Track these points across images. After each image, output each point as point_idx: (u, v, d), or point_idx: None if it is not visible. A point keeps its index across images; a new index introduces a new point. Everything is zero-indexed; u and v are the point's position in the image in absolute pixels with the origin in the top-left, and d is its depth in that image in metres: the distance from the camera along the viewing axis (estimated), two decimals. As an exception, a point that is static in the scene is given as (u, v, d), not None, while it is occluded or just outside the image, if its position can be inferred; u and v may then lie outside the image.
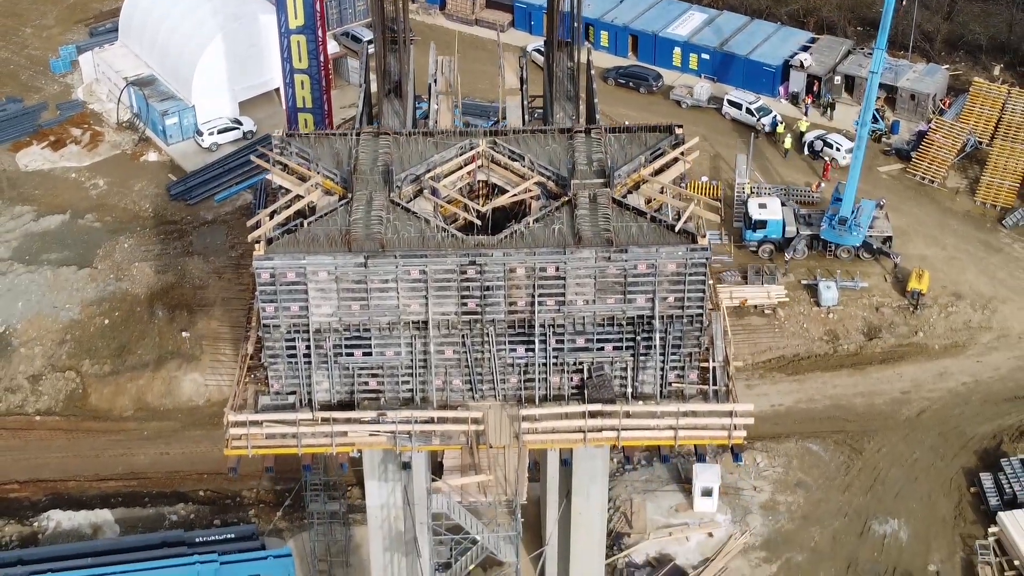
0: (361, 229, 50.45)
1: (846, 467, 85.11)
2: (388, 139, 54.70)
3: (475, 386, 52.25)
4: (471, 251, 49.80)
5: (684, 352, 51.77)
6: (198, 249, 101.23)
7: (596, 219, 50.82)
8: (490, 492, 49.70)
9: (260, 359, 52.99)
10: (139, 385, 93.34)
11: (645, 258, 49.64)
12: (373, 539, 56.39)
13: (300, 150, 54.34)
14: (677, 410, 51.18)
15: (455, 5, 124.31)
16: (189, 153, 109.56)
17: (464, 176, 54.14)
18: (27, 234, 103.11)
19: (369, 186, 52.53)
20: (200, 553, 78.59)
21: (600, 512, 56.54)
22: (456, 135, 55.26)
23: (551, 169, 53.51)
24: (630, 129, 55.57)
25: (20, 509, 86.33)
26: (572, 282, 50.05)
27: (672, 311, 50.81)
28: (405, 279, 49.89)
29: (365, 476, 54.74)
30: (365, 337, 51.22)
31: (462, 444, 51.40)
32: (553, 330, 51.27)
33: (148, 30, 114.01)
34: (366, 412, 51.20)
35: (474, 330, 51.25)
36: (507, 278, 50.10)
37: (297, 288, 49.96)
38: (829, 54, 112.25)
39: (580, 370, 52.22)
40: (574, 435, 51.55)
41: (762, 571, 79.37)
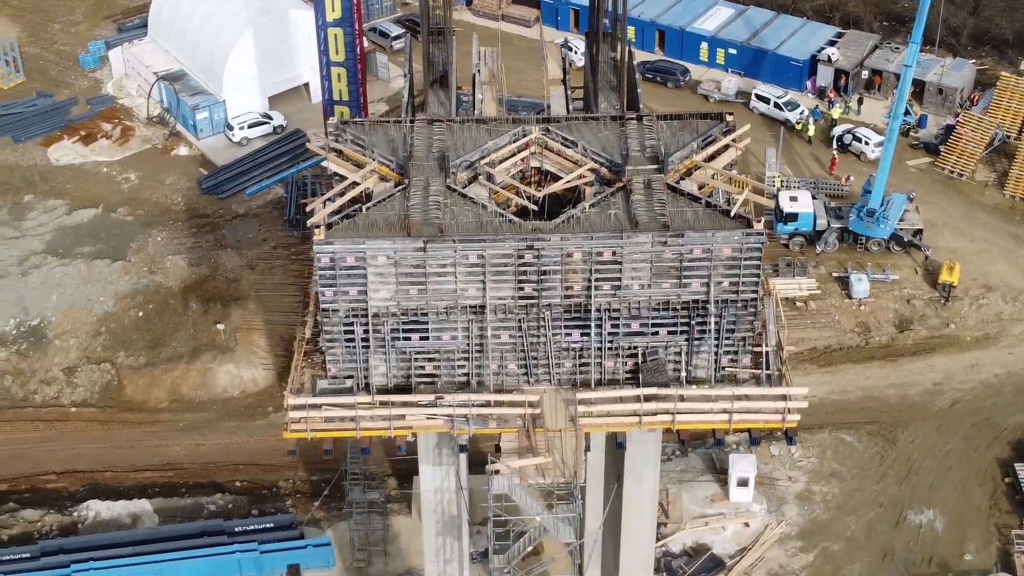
0: (419, 214, 50.94)
1: (880, 457, 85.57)
2: (442, 126, 55.10)
3: (530, 370, 52.66)
4: (529, 236, 50.26)
5: (738, 336, 52.20)
6: (230, 242, 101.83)
7: (652, 204, 51.28)
8: (548, 474, 50.09)
9: (317, 344, 53.26)
10: (174, 377, 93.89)
11: (701, 243, 50.06)
12: (427, 523, 56.82)
13: (355, 137, 54.80)
14: (732, 394, 51.57)
15: (482, 1, 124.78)
16: (219, 147, 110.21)
17: (517, 163, 54.51)
18: (60, 227, 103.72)
19: (425, 172, 52.98)
20: (240, 542, 79.24)
21: (652, 496, 56.98)
22: (509, 122, 55.64)
23: (604, 156, 53.99)
24: (681, 116, 56.05)
25: (58, 499, 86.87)
26: (628, 266, 50.49)
27: (727, 295, 51.25)
28: (463, 263, 50.33)
29: (420, 460, 55.16)
30: (422, 321, 51.65)
31: (518, 427, 51.80)
32: (608, 314, 51.68)
33: (177, 25, 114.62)
34: (424, 395, 51.63)
35: (530, 314, 51.65)
36: (564, 263, 50.53)
37: (356, 272, 50.41)
38: (856, 49, 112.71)
39: (634, 354, 52.64)
40: (629, 419, 51.97)
41: (799, 560, 79.82)
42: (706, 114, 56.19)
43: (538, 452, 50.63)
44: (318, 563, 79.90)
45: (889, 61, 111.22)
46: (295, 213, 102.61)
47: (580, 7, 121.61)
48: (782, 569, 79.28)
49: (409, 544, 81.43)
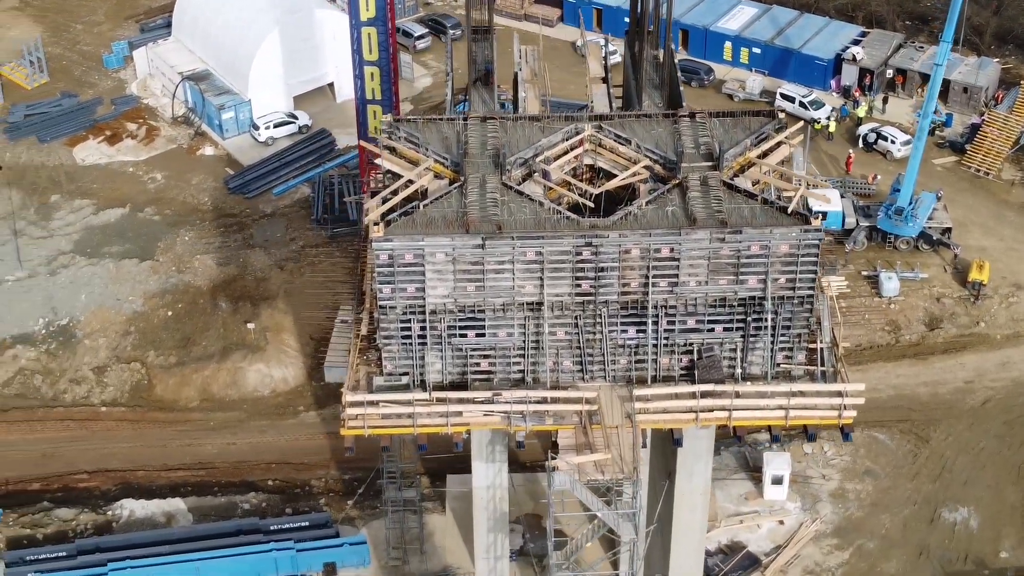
0: (477, 211, 51.05)
1: (913, 455, 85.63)
2: (495, 124, 55.22)
3: (585, 367, 52.79)
4: (587, 233, 50.39)
5: (793, 333, 52.39)
6: (258, 242, 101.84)
7: (708, 201, 51.46)
8: (607, 470, 50.21)
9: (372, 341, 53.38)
10: (204, 376, 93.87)
11: (759, 239, 50.25)
12: (478, 519, 57.04)
13: (409, 134, 54.89)
14: (789, 390, 51.68)
15: (504, 0, 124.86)
16: (245, 147, 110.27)
17: (571, 160, 54.64)
18: (88, 227, 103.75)
19: (480, 169, 53.11)
20: (275, 541, 79.22)
21: (703, 492, 57.16)
22: (561, 120, 55.77)
23: (658, 152, 54.09)
24: (733, 114, 56.24)
25: (91, 498, 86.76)
26: (686, 263, 50.69)
27: (783, 292, 51.44)
28: (521, 260, 50.49)
29: (472, 457, 55.26)
30: (479, 318, 51.82)
31: (575, 424, 51.92)
32: (665, 311, 51.81)
33: (202, 25, 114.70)
34: (481, 392, 51.76)
35: (586, 311, 51.77)
36: (621, 259, 50.68)
37: (414, 269, 50.59)
38: (880, 48, 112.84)
39: (690, 351, 52.79)
40: (686, 415, 52.10)
41: (834, 558, 79.86)
42: (758, 112, 56.42)
43: (596, 448, 50.70)
44: (354, 561, 79.82)
45: (913, 60, 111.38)
46: (322, 212, 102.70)
47: (602, 7, 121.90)
48: (818, 567, 79.29)
49: (444, 542, 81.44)
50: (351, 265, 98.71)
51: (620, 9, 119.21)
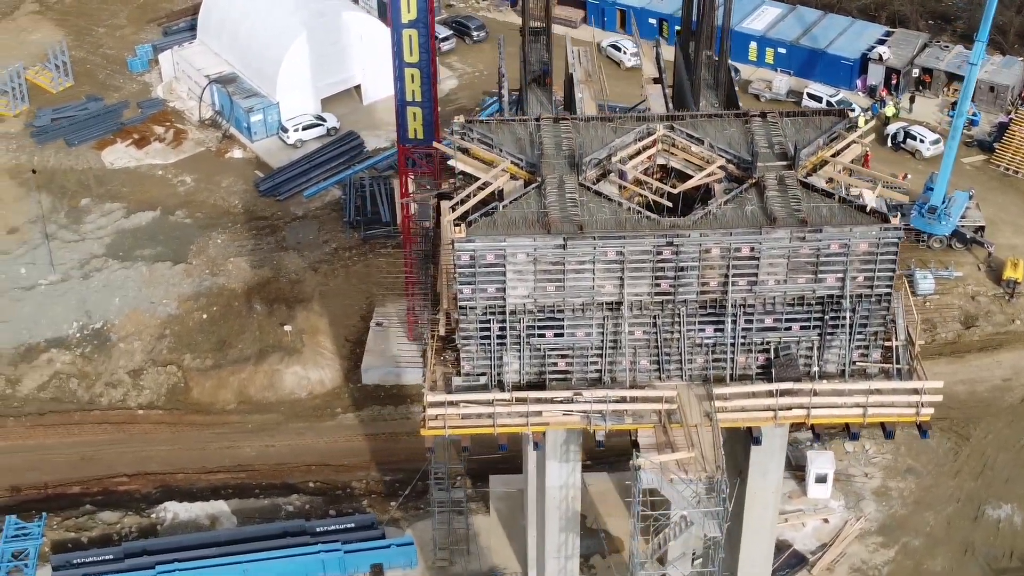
0: (558, 212, 51.23)
1: (954, 453, 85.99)
2: (568, 124, 55.42)
3: (662, 366, 52.99)
4: (668, 232, 50.59)
5: (870, 331, 52.69)
6: (291, 244, 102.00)
7: (787, 200, 51.71)
8: (690, 469, 50.43)
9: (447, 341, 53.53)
10: (241, 379, 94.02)
11: (838, 238, 50.51)
12: (549, 519, 57.14)
13: (483, 135, 55.06)
14: (867, 388, 51.95)
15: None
16: (273, 150, 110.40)
17: (644, 160, 54.85)
18: (119, 230, 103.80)
19: (556, 170, 53.29)
20: (322, 542, 79.36)
21: (775, 490, 57.37)
22: (633, 120, 56.00)
23: (732, 152, 54.33)
24: (804, 113, 56.48)
25: (132, 501, 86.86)
26: (765, 262, 50.93)
27: (861, 290, 51.68)
28: (601, 260, 50.67)
29: (547, 456, 55.37)
30: (558, 318, 51.98)
31: (654, 423, 52.13)
32: (743, 310, 52.02)
33: (228, 28, 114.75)
34: (561, 392, 51.95)
35: (665, 310, 51.98)
36: (701, 259, 50.86)
37: (495, 270, 50.73)
38: (906, 47, 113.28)
39: (766, 350, 53.01)
40: (764, 414, 52.33)
41: (880, 556, 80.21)
42: (828, 111, 56.66)
43: (677, 447, 50.92)
44: (401, 563, 79.99)
45: (939, 59, 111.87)
46: (354, 215, 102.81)
47: (626, 7, 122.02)
48: (864, 564, 79.63)
49: (489, 543, 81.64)
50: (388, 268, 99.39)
51: (644, 10, 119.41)
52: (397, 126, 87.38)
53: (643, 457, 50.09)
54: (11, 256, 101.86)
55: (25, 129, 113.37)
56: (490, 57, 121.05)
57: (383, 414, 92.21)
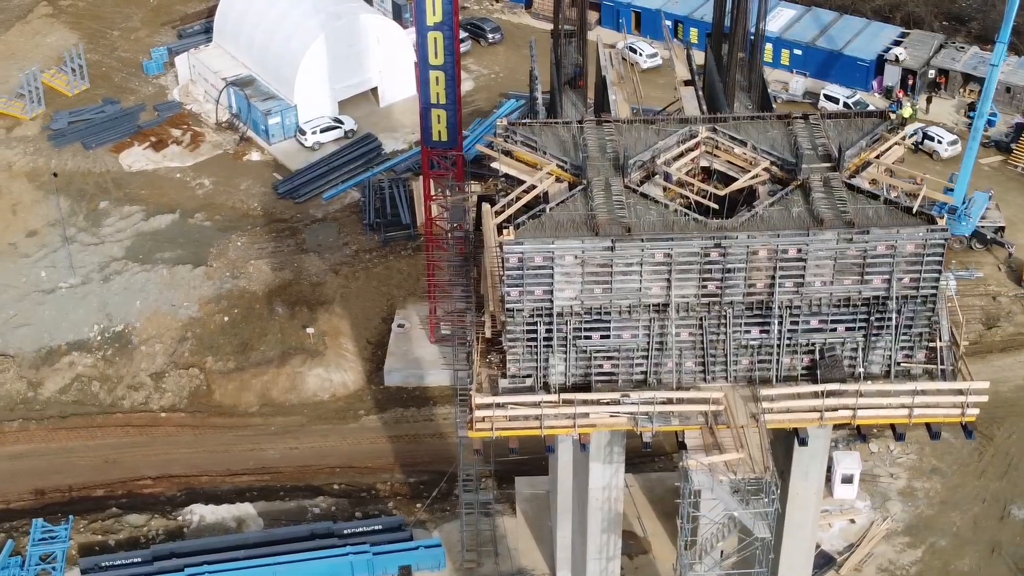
0: (605, 214, 51.37)
1: (978, 453, 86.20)
2: (611, 127, 55.57)
3: (707, 367, 53.15)
4: (715, 234, 50.75)
5: (915, 332, 52.91)
6: (311, 246, 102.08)
7: (833, 202, 51.93)
8: (739, 470, 50.59)
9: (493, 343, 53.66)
10: (263, 381, 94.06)
11: (886, 239, 50.69)
12: (592, 520, 57.30)
13: (526, 138, 55.18)
14: (913, 388, 52.15)
15: (541, 3, 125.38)
16: (291, 152, 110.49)
17: (687, 162, 55.02)
18: (138, 233, 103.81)
19: (601, 172, 53.44)
20: (351, 544, 79.38)
21: (817, 491, 57.59)
22: (675, 122, 56.17)
23: (775, 154, 54.51)
24: (846, 115, 56.69)
25: (158, 504, 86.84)
26: (812, 263, 51.12)
27: (907, 291, 51.88)
28: (649, 262, 50.81)
29: (591, 458, 55.50)
30: (604, 320, 52.13)
31: (700, 424, 52.28)
32: (789, 311, 52.20)
33: (245, 31, 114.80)
34: (608, 393, 52.08)
35: (712, 312, 52.15)
36: (749, 260, 51.02)
37: (543, 272, 50.88)
38: (921, 48, 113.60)
39: (812, 351, 53.18)
40: (810, 415, 52.49)
41: (907, 556, 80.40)
42: (870, 112, 56.89)
43: (726, 448, 51.08)
44: (429, 564, 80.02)
45: (955, 60, 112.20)
46: (374, 217, 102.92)
47: (641, 9, 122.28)
48: (892, 565, 79.81)
49: (516, 544, 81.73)
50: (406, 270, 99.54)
51: (659, 12, 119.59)
52: (421, 128, 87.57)
53: (692, 458, 50.13)
54: (31, 259, 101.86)
55: (42, 132, 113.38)
56: (505, 59, 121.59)
57: (406, 416, 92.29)
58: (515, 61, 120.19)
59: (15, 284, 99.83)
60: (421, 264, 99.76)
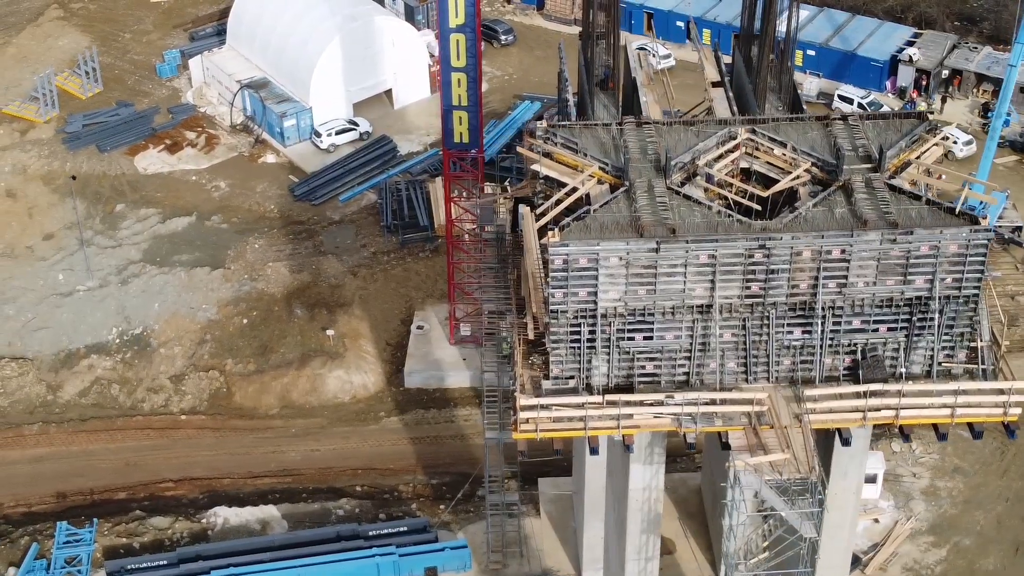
0: (650, 215, 51.48)
1: (1000, 453, 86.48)
2: (651, 128, 55.70)
3: (749, 368, 53.28)
4: (760, 235, 50.87)
5: (956, 332, 53.02)
6: (329, 248, 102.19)
7: (876, 202, 52.06)
8: (785, 470, 50.73)
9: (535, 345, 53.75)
10: (284, 383, 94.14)
11: (929, 240, 50.82)
12: (631, 521, 57.38)
13: (567, 140, 55.29)
14: (956, 388, 52.32)
15: (553, 5, 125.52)
16: (307, 154, 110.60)
17: (727, 164, 55.16)
18: (155, 236, 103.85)
19: (643, 174, 53.55)
20: (376, 546, 79.44)
21: (856, 491, 57.73)
22: (714, 123, 56.32)
23: (816, 155, 54.67)
24: (884, 116, 56.80)
25: (180, 506, 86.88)
26: (856, 264, 51.23)
27: (949, 291, 52.02)
28: (694, 263, 50.92)
29: (631, 459, 55.61)
30: (648, 321, 52.21)
31: (744, 425, 52.42)
32: (832, 312, 52.34)
33: (259, 33, 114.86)
34: (652, 395, 52.19)
35: (754, 313, 52.28)
36: (792, 261, 51.15)
37: (587, 274, 50.95)
38: (935, 49, 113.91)
39: (853, 351, 53.31)
40: (852, 415, 52.64)
41: (932, 555, 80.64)
42: (908, 113, 57.04)
43: (770, 449, 51.23)
44: (455, 566, 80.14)
45: (969, 60, 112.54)
46: (392, 219, 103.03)
47: (654, 11, 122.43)
48: (916, 564, 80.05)
49: (542, 545, 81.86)
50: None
51: (672, 13, 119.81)
52: (442, 130, 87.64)
53: (739, 459, 50.28)
54: (48, 262, 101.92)
55: (56, 135, 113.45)
56: (518, 61, 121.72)
57: (427, 418, 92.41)
58: (528, 63, 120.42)
59: (33, 287, 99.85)
60: (439, 266, 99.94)
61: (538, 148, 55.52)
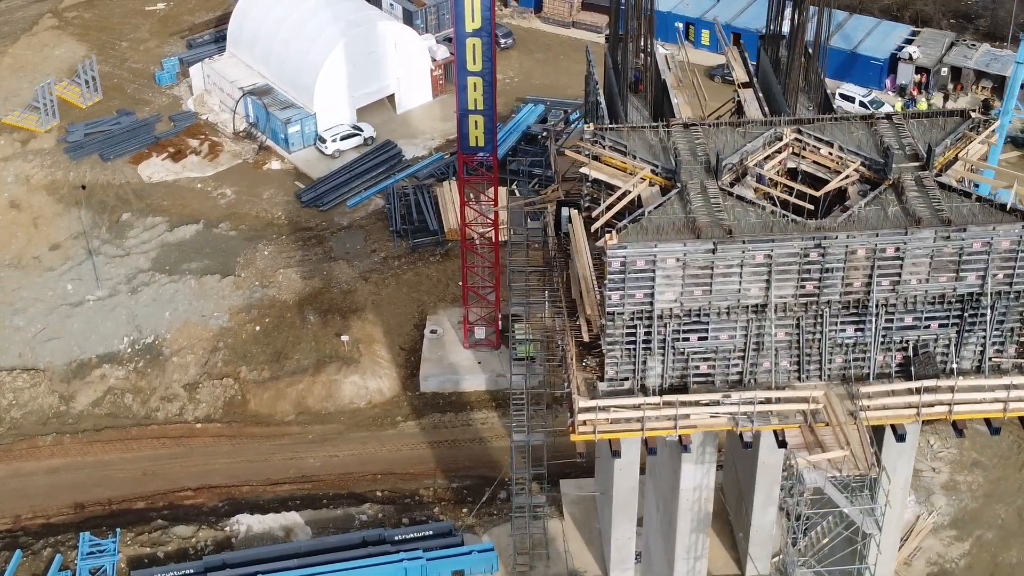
0: (706, 216, 51.83)
1: (1018, 446, 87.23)
2: (698, 130, 56.07)
3: (802, 366, 53.70)
4: (815, 235, 51.30)
5: (1007, 327, 53.59)
6: (339, 254, 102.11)
7: (928, 200, 52.59)
8: (844, 467, 51.18)
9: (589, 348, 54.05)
10: (299, 389, 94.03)
11: (982, 236, 51.36)
12: (681, 520, 57.74)
13: (615, 142, 55.61)
14: (1009, 383, 52.90)
15: (552, 8, 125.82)
16: (312, 160, 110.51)
17: (776, 164, 55.60)
18: (163, 244, 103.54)
19: (694, 175, 53.91)
20: (402, 551, 79.54)
21: (904, 487, 58.22)
22: (760, 124, 56.75)
23: (863, 154, 55.17)
24: (928, 115, 57.37)
25: (200, 515, 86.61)
26: (909, 262, 51.72)
27: (1001, 287, 52.58)
28: (750, 263, 51.30)
29: (683, 459, 55.95)
30: (703, 322, 52.58)
31: (799, 423, 52.85)
32: (884, 309, 52.83)
33: (261, 40, 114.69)
34: (708, 395, 52.55)
35: (808, 311, 52.70)
36: (847, 260, 51.60)
37: (644, 275, 51.27)
38: (934, 47, 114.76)
39: (905, 348, 53.82)
40: (907, 411, 53.16)
41: (955, 549, 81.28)
42: (951, 112, 57.64)
43: (828, 447, 51.67)
44: (482, 569, 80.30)
45: (967, 58, 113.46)
46: (401, 223, 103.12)
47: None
48: (940, 558, 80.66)
49: (567, 547, 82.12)
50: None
51: (671, 15, 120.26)
52: (458, 135, 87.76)
53: (801, 457, 50.68)
54: (56, 272, 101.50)
55: (58, 145, 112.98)
56: (518, 64, 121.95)
57: (444, 421, 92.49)
58: (528, 66, 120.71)
59: (42, 297, 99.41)
60: (450, 270, 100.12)
61: (586, 151, 55.71)
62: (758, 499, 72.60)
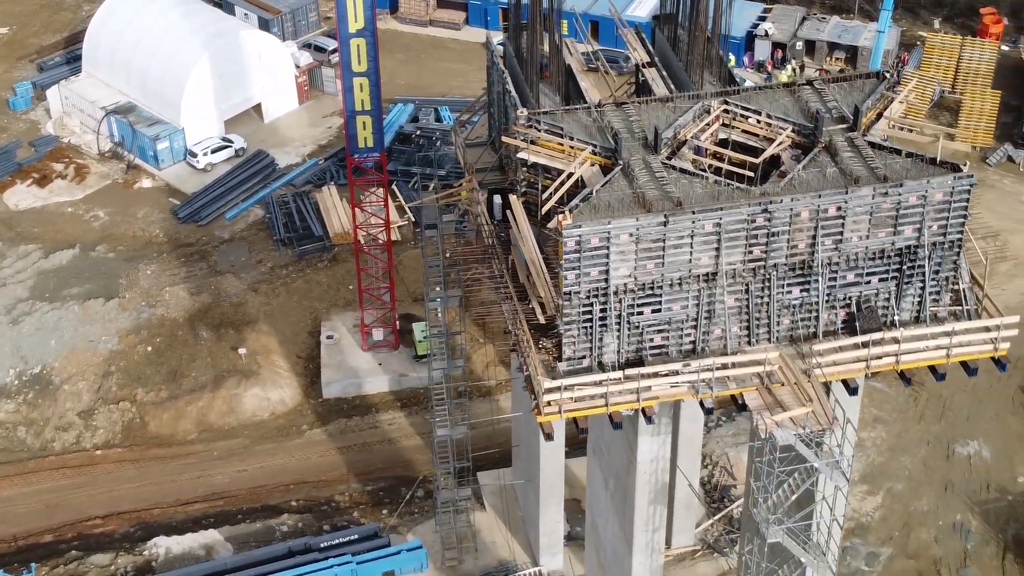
0: (653, 190, 52.70)
1: (914, 399, 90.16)
2: (630, 108, 56.95)
3: (752, 331, 54.93)
4: (761, 200, 52.53)
5: (942, 277, 55.48)
6: (224, 267, 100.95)
7: (862, 159, 54.19)
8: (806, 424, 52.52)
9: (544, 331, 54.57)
10: (199, 407, 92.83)
11: (917, 190, 53.14)
12: (640, 493, 58.48)
13: (551, 125, 56.15)
14: (950, 330, 54.82)
15: (408, 7, 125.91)
16: (184, 175, 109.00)
17: (708, 136, 56.74)
18: (40, 272, 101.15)
19: (633, 152, 54.77)
20: (330, 557, 79.21)
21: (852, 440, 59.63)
22: (687, 99, 57.85)
23: (791, 120, 56.63)
24: (847, 79, 59.10)
25: (114, 541, 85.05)
26: (851, 220, 53.26)
27: (935, 239, 54.45)
28: (700, 233, 52.31)
29: (639, 432, 56.75)
30: (656, 294, 53.45)
31: (756, 385, 54.04)
32: (828, 268, 54.33)
33: (119, 57, 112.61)
34: (669, 365, 53.44)
35: (757, 276, 53.93)
36: (792, 222, 52.93)
37: (599, 253, 51.90)
38: (787, 22, 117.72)
39: (848, 304, 55.41)
40: (856, 365, 54.72)
41: (869, 503, 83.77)
42: (869, 74, 59.44)
43: (787, 406, 52.96)
44: (412, 567, 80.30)
45: (820, 31, 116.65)
46: (284, 232, 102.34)
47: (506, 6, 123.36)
48: (856, 512, 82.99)
49: (492, 538, 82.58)
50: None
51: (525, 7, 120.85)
52: (346, 136, 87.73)
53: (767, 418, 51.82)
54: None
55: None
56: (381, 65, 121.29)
57: (350, 426, 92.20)
58: (391, 66, 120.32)
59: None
60: (339, 274, 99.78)
61: (522, 135, 56.12)
62: (680, 470, 74.05)
